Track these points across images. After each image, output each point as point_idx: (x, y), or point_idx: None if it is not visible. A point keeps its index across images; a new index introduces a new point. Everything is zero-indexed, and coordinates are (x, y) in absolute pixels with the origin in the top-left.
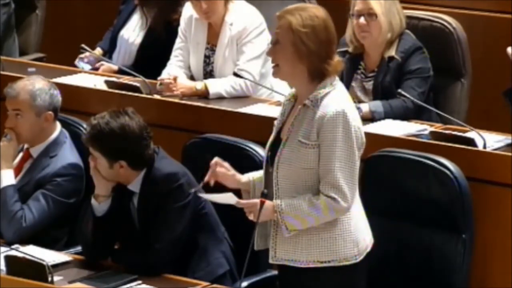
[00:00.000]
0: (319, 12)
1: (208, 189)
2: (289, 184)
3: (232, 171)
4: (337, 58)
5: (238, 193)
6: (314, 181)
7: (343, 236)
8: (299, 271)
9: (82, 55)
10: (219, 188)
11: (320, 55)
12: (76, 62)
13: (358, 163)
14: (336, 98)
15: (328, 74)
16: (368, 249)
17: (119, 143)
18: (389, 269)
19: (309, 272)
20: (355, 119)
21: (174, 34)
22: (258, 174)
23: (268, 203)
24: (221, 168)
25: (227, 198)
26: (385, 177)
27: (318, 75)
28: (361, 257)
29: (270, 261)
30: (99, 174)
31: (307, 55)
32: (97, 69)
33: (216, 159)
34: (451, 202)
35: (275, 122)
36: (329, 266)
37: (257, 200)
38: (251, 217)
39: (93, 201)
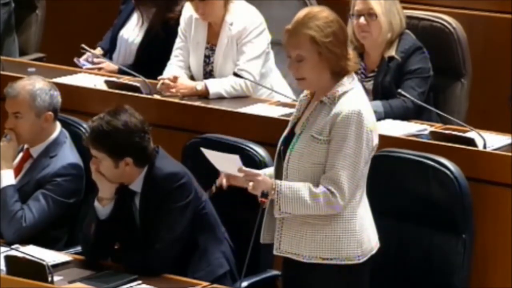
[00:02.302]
0: (329, 15)
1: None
2: (298, 178)
3: None
4: (351, 52)
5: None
6: None
7: (348, 235)
8: (302, 266)
9: (83, 57)
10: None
11: (344, 55)
12: (76, 60)
13: (365, 165)
14: (354, 98)
15: (351, 69)
16: (373, 252)
17: (124, 139)
18: (389, 269)
19: (311, 267)
20: (369, 121)
21: (172, 33)
22: (269, 170)
23: (268, 179)
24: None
25: (231, 161)
26: (385, 177)
27: (340, 72)
28: (365, 258)
29: (274, 252)
30: (103, 177)
31: (335, 60)
32: (97, 64)
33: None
34: (451, 202)
35: (291, 118)
36: (331, 263)
37: (260, 171)
38: (249, 187)
39: (96, 204)
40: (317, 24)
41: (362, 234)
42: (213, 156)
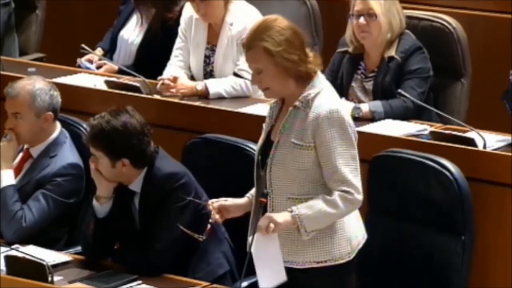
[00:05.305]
0: (281, 22)
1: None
2: (283, 185)
3: (229, 201)
4: (311, 54)
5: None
6: (308, 182)
7: (338, 235)
8: (294, 272)
9: (85, 57)
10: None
11: (302, 60)
12: (79, 61)
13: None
14: (327, 98)
15: (311, 71)
16: (360, 246)
17: (122, 141)
18: (389, 268)
19: (304, 272)
20: (348, 116)
21: (171, 33)
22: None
23: (282, 213)
24: (217, 204)
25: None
26: (385, 177)
27: (304, 77)
28: (354, 254)
29: None
30: (101, 175)
31: (291, 67)
32: (99, 67)
33: (209, 203)
34: (451, 203)
35: (264, 126)
36: (325, 265)
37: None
38: (272, 230)
39: (94, 202)
40: (268, 34)
41: (350, 231)
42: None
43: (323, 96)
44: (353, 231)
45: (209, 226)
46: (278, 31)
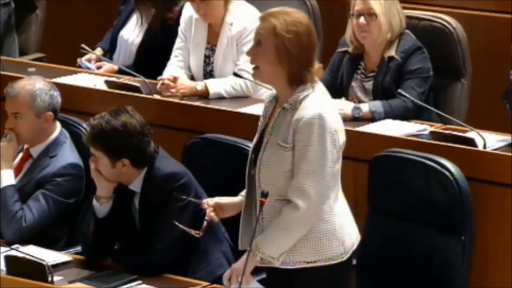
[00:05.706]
0: (302, 18)
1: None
2: (272, 186)
3: (225, 199)
4: (317, 65)
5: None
6: None
7: (328, 235)
8: (286, 272)
9: (86, 57)
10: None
11: (301, 61)
12: (79, 61)
13: (337, 163)
14: (314, 101)
15: (307, 81)
16: (354, 247)
17: (122, 141)
18: (389, 268)
19: (296, 272)
20: (332, 122)
21: (171, 33)
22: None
23: (241, 260)
24: (212, 202)
25: None
26: (385, 178)
27: (297, 81)
28: (347, 255)
29: (257, 264)
30: (101, 175)
31: (287, 60)
32: (99, 67)
33: (204, 201)
34: (451, 204)
35: (259, 124)
36: (316, 266)
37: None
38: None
39: (94, 202)
40: (285, 18)
41: (343, 232)
42: None
43: (311, 99)
44: (347, 232)
45: (205, 223)
46: (294, 21)
